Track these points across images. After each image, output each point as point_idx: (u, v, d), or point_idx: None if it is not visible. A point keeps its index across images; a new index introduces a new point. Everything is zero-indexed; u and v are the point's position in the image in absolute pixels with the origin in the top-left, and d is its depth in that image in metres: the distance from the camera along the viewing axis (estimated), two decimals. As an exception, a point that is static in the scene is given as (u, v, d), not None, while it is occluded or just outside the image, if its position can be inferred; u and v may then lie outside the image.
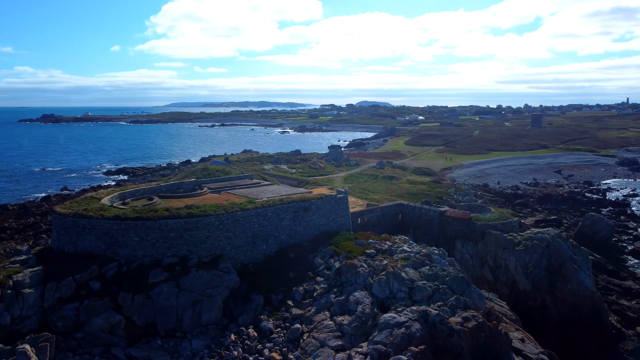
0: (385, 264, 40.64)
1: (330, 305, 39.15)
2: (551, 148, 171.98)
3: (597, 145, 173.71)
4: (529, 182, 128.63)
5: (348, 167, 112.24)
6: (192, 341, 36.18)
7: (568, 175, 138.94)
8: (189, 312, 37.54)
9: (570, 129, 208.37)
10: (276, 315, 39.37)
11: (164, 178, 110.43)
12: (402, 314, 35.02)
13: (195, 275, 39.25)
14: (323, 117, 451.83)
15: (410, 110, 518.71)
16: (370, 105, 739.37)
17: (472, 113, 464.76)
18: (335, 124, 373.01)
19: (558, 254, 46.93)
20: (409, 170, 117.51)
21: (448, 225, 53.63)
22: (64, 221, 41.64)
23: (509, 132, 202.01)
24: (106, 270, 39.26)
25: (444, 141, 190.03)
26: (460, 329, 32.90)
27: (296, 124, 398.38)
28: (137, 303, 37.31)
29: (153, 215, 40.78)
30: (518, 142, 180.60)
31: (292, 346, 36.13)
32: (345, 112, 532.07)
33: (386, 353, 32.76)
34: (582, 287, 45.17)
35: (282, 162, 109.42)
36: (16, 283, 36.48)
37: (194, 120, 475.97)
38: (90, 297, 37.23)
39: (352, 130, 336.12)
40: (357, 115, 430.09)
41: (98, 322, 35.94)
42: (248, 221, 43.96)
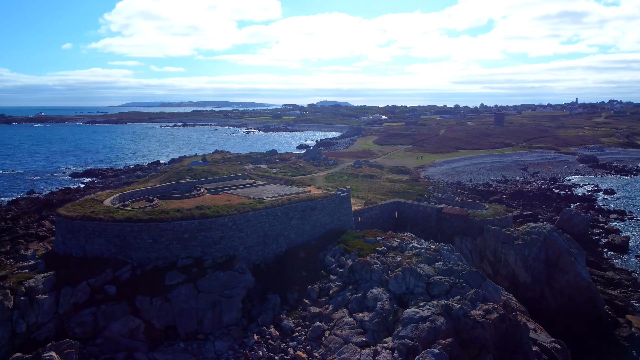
0: (399, 261, 41.45)
1: (348, 302, 39.62)
2: (515, 146, 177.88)
3: (557, 144, 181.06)
4: (498, 179, 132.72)
5: (327, 166, 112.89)
6: (215, 343, 35.88)
7: (534, 172, 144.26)
8: (209, 314, 37.18)
9: (532, 127, 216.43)
10: (294, 314, 39.52)
11: (140, 179, 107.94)
12: (424, 309, 35.87)
13: (212, 277, 38.90)
14: (286, 117, 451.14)
15: (370, 110, 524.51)
16: (331, 105, 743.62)
17: (432, 113, 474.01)
18: (300, 124, 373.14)
19: (555, 247, 49.10)
20: (386, 169, 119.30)
21: (445, 222, 55.08)
22: (70, 224, 40.38)
23: (473, 131, 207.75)
24: (120, 273, 38.38)
25: (412, 140, 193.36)
26: (483, 321, 34.03)
27: (260, 123, 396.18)
28: (155, 306, 36.70)
29: (166, 216, 40.14)
30: (483, 140, 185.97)
31: (315, 344, 36.40)
32: (308, 111, 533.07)
33: (414, 347, 33.55)
34: (579, 279, 47.47)
35: (261, 162, 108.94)
36: (29, 289, 35.20)
37: (154, 120, 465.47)
38: (106, 301, 36.36)
39: (318, 130, 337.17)
40: (321, 115, 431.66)
41: (117, 327, 35.15)
42: (259, 221, 43.88)
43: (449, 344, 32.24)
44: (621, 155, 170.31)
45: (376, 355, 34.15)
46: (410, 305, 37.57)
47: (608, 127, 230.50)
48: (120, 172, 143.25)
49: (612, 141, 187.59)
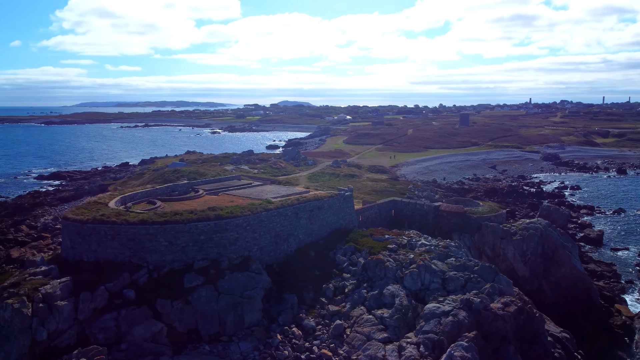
0: (412, 258, 42.39)
1: (364, 300, 40.24)
2: (482, 145, 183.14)
3: (521, 142, 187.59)
4: (470, 177, 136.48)
5: (307, 166, 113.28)
6: (240, 344, 35.77)
7: (502, 170, 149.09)
8: (231, 315, 37.01)
9: (496, 127, 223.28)
10: (313, 313, 39.79)
11: (117, 181, 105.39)
12: (444, 303, 36.92)
13: (231, 278, 38.72)
14: (250, 117, 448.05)
15: (334, 110, 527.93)
16: (294, 105, 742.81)
17: (394, 113, 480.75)
18: (265, 124, 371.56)
19: (550, 241, 51.30)
20: (364, 169, 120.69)
21: (443, 219, 56.54)
22: (81, 228, 39.28)
23: (440, 130, 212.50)
24: (137, 277, 37.67)
25: (381, 140, 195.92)
26: (504, 314, 35.37)
27: (224, 124, 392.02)
28: (176, 309, 36.25)
29: (182, 218, 39.65)
30: (451, 140, 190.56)
31: (337, 342, 36.81)
32: (271, 111, 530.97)
33: (439, 341, 34.53)
34: (574, 271, 49.80)
35: (241, 162, 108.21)
36: (46, 296, 34.13)
37: (113, 121, 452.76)
38: (126, 306, 35.65)
39: (284, 130, 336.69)
40: (285, 115, 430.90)
41: (140, 332, 34.55)
42: (271, 221, 43.92)
43: (475, 337, 33.37)
44: (581, 153, 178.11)
45: (401, 350, 34.92)
46: (428, 301, 38.55)
47: (566, 126, 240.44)
48: (89, 175, 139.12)
49: (571, 140, 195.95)
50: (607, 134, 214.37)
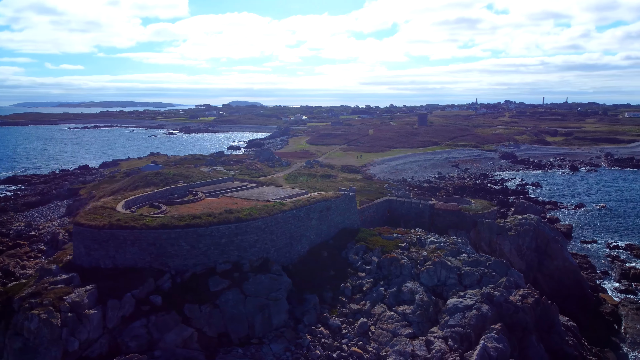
0: (425, 255, 43.75)
1: (383, 297, 41.22)
2: (442, 145, 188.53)
3: (479, 142, 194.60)
4: (436, 176, 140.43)
5: (281, 167, 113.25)
6: (271, 346, 35.89)
7: (465, 168, 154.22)
8: (259, 318, 37.05)
9: (453, 127, 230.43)
10: (335, 312, 40.36)
11: (88, 185, 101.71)
12: (466, 298, 38.43)
13: (255, 280, 38.75)
14: (204, 118, 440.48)
15: (287, 110, 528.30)
16: (247, 105, 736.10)
17: (349, 113, 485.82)
18: (221, 125, 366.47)
19: (543, 236, 54.12)
20: (337, 169, 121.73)
21: (438, 217, 58.40)
22: (97, 234, 38.11)
23: (401, 130, 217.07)
24: (161, 282, 37.03)
25: (344, 140, 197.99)
26: (523, 305, 37.25)
27: (178, 124, 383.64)
28: (205, 313, 35.95)
29: (203, 221, 39.23)
30: (412, 139, 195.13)
31: (364, 339, 37.62)
32: (224, 112, 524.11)
33: (467, 334, 35.96)
34: (567, 263, 52.80)
35: (216, 164, 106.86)
36: (74, 304, 33.04)
37: (59, 122, 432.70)
38: (154, 312, 35.03)
39: (241, 131, 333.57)
40: (241, 115, 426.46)
41: (171, 338, 34.05)
42: (286, 222, 44.13)
43: (501, 329, 35.01)
44: (535, 151, 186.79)
45: (429, 344, 36.12)
46: (447, 296, 40.00)
47: (517, 125, 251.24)
48: (49, 179, 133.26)
49: (525, 139, 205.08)
50: (555, 133, 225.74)
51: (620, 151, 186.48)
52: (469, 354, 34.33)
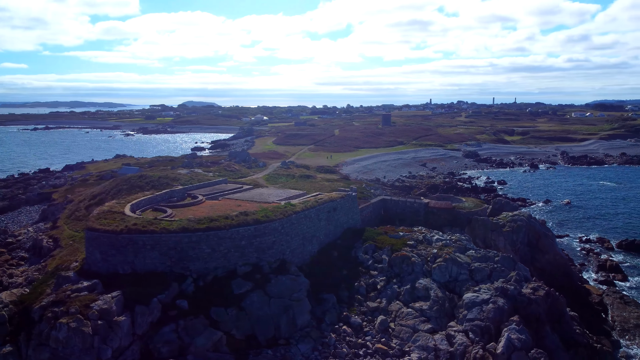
0: (435, 252, 45.11)
1: (398, 294, 42.26)
2: (407, 144, 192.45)
3: (442, 141, 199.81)
4: (406, 175, 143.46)
5: (258, 168, 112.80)
6: (299, 346, 36.20)
7: (432, 167, 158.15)
8: (284, 319, 37.28)
9: (416, 126, 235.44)
10: (354, 310, 41.05)
11: (60, 189, 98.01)
12: (481, 292, 39.98)
13: (277, 282, 38.95)
14: (161, 118, 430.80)
15: (246, 110, 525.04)
16: (204, 105, 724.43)
17: (308, 113, 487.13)
18: (180, 125, 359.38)
19: (534, 231, 56.71)
20: (312, 169, 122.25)
21: (433, 215, 60.06)
22: (115, 240, 37.28)
23: (366, 130, 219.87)
24: (185, 286, 36.67)
25: (311, 140, 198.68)
26: (536, 298, 39.13)
27: (134, 125, 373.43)
28: (231, 316, 35.89)
29: (222, 224, 39.05)
30: (378, 139, 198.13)
31: (386, 336, 38.49)
32: (181, 112, 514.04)
33: (487, 327, 37.47)
34: (557, 257, 55.55)
35: (193, 165, 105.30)
36: (103, 312, 32.30)
37: (5, 124, 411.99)
38: (182, 316, 34.71)
39: (201, 132, 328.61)
40: (201, 116, 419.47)
41: (202, 342, 33.84)
42: (300, 223, 44.46)
43: (520, 321, 36.69)
44: (496, 150, 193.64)
45: (451, 338, 37.42)
46: (461, 292, 41.47)
47: (475, 125, 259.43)
48: (10, 183, 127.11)
49: (485, 138, 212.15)
50: (512, 132, 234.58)
51: (574, 149, 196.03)
52: (491, 346, 35.80)
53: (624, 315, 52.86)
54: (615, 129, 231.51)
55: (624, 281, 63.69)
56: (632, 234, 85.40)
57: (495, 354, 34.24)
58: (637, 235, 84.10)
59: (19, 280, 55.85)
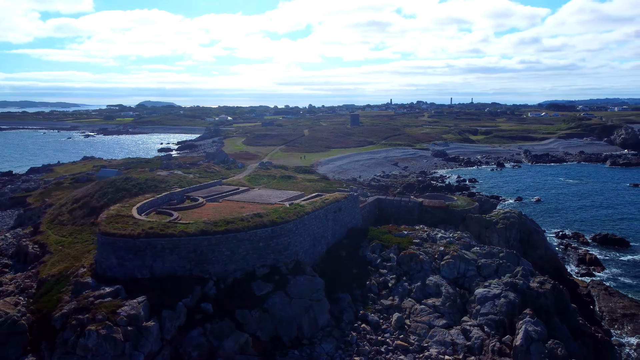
0: (442, 250, 46.36)
1: (409, 292, 43.27)
2: (377, 144, 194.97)
3: (411, 141, 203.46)
4: (380, 174, 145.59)
5: (237, 169, 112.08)
6: (323, 345, 36.58)
7: (404, 167, 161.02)
8: (305, 319, 37.57)
9: (384, 126, 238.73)
10: (369, 308, 41.71)
11: (34, 193, 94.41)
12: (491, 287, 41.45)
13: (296, 283, 39.18)
14: (120, 119, 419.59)
15: (207, 110, 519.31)
16: (164, 105, 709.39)
17: (271, 113, 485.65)
18: (142, 126, 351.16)
19: (525, 227, 58.99)
20: (290, 170, 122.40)
21: (427, 214, 61.49)
22: (133, 244, 36.58)
23: (336, 130, 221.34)
24: (207, 290, 36.41)
25: (282, 140, 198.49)
26: (544, 291, 40.89)
27: (94, 126, 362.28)
28: (255, 318, 35.91)
29: (240, 226, 38.93)
30: (349, 139, 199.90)
31: (402, 332, 39.36)
32: (140, 112, 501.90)
33: (501, 321, 38.95)
34: (548, 252, 57.97)
35: (172, 167, 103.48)
36: (132, 317, 31.74)
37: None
38: (208, 320, 34.51)
39: (164, 132, 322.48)
40: (163, 116, 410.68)
41: (230, 344, 33.75)
42: (311, 224, 44.78)
43: (533, 313, 38.29)
44: (463, 149, 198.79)
45: (467, 333, 38.67)
46: (471, 287, 42.84)
47: (440, 125, 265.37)
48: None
49: (451, 137, 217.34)
50: (476, 131, 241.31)
51: (536, 148, 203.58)
52: (506, 339, 37.25)
53: (611, 305, 55.70)
54: (572, 129, 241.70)
55: (603, 273, 67.08)
56: (602, 228, 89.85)
57: (514, 346, 35.64)
58: (607, 229, 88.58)
59: (10, 288, 53.70)
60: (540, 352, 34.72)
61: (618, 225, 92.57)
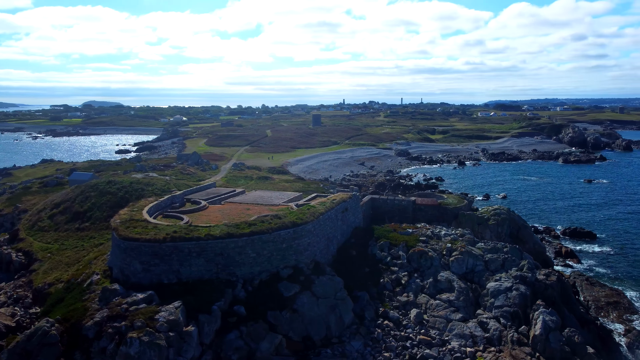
0: (450, 246, 47.99)
1: (422, 288, 44.62)
2: (341, 144, 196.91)
3: (373, 140, 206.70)
4: (349, 174, 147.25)
5: (212, 170, 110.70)
6: (352, 343, 37.24)
7: (371, 166, 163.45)
8: (333, 318, 38.12)
9: (345, 126, 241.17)
10: (387, 305, 42.70)
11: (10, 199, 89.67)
12: (502, 281, 43.37)
13: (320, 283, 39.66)
14: (68, 120, 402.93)
15: (159, 111, 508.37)
16: (113, 106, 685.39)
17: (226, 113, 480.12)
18: (93, 127, 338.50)
19: (514, 223, 61.73)
20: (264, 170, 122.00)
21: (421, 212, 63.14)
22: (159, 248, 35.95)
23: (299, 130, 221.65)
24: (237, 292, 36.31)
25: (246, 141, 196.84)
26: (551, 283, 43.19)
27: (40, 127, 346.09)
28: (286, 319, 36.15)
29: (263, 227, 38.99)
30: (313, 139, 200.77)
31: (424, 328, 40.57)
32: (88, 113, 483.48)
33: (515, 312, 40.86)
34: (536, 246, 60.93)
35: (147, 169, 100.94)
36: (171, 323, 31.27)
37: None
38: (242, 322, 34.46)
39: (117, 133, 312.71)
40: (115, 117, 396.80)
41: (266, 346, 33.89)
42: (325, 225, 45.29)
43: (545, 304, 40.41)
44: (424, 148, 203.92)
45: (484, 325, 40.34)
46: (481, 281, 44.66)
47: (398, 125, 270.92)
48: None
49: (412, 137, 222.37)
50: (434, 131, 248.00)
51: (492, 147, 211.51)
52: (522, 329, 39.16)
53: (594, 294, 59.17)
54: (523, 128, 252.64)
55: (579, 264, 71.08)
56: (568, 222, 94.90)
57: (534, 336, 37.53)
58: (573, 223, 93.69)
59: (1, 299, 51.23)
60: (558, 340, 36.76)
61: (581, 219, 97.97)
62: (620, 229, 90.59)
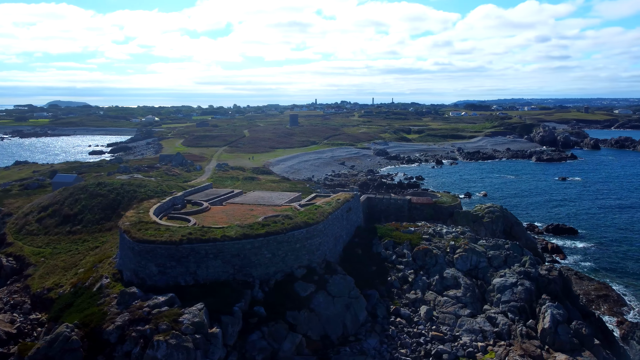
0: (453, 244, 48.99)
1: (429, 285, 45.47)
2: (320, 144, 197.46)
3: (352, 140, 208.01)
4: (331, 173, 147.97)
5: (196, 171, 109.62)
6: (369, 341, 37.70)
7: (351, 166, 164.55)
8: (348, 316, 38.51)
9: (323, 126, 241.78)
10: (397, 303, 43.36)
11: None
12: (507, 277, 44.56)
13: (334, 282, 39.99)
14: (34, 120, 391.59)
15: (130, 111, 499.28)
16: (80, 106, 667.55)
17: (198, 113, 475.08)
18: (62, 128, 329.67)
19: (507, 220, 63.35)
20: (248, 171, 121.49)
21: (416, 211, 64.07)
22: (176, 250, 35.62)
23: (277, 130, 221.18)
24: (255, 293, 36.29)
25: (224, 142, 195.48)
26: (554, 277, 44.62)
27: (6, 127, 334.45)
28: (304, 318, 36.35)
29: (278, 228, 39.05)
30: (291, 139, 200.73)
31: (432, 324, 41.39)
32: (55, 113, 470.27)
33: (522, 307, 42.06)
34: (529, 242, 62.63)
35: (131, 171, 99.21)
36: (197, 325, 31.08)
37: None
38: (263, 323, 34.52)
39: (88, 134, 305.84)
40: (85, 117, 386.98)
41: (288, 346, 34.04)
42: (333, 224, 45.61)
43: (551, 298, 41.76)
44: (402, 148, 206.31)
45: (492, 320, 41.41)
46: (485, 278, 45.76)
47: (374, 125, 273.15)
48: None
49: (389, 137, 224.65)
50: (409, 131, 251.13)
51: (467, 146, 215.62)
52: (530, 323, 40.37)
53: (584, 288, 61.23)
54: (495, 127, 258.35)
55: (566, 260, 73.42)
56: (547, 218, 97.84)
57: (543, 329, 38.75)
58: (551, 218, 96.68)
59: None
60: (567, 332, 38.06)
61: (560, 215, 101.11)
62: (597, 224, 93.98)
